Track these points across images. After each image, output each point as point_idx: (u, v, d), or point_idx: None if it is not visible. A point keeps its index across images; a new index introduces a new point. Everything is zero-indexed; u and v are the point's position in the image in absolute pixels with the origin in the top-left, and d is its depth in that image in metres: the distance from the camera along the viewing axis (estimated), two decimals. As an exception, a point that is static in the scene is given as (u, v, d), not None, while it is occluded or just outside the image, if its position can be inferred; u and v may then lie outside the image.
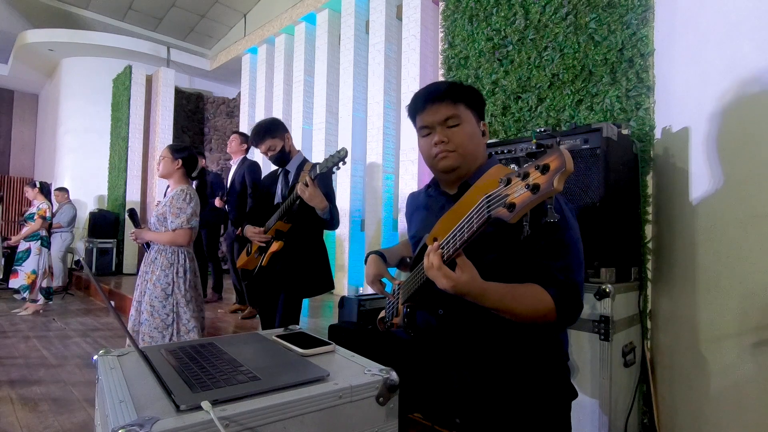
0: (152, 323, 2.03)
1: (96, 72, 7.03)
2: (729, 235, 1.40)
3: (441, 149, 1.06)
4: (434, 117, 1.07)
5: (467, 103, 1.08)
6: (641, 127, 1.78)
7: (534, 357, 1.00)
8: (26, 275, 4.29)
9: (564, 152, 0.67)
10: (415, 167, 3.21)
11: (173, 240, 2.09)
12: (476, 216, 0.80)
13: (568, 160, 0.67)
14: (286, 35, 5.04)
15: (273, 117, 2.29)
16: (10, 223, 8.63)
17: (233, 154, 3.75)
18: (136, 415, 0.61)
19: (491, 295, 0.88)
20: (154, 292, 2.05)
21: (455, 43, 2.49)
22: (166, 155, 2.19)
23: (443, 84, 1.11)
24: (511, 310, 0.90)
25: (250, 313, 3.51)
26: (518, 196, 0.71)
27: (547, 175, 0.68)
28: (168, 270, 2.08)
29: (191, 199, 2.13)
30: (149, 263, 2.14)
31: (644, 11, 1.79)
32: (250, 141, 2.16)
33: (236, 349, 0.92)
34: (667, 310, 1.66)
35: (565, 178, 0.68)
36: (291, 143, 2.16)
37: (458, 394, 0.97)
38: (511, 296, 0.90)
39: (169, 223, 2.09)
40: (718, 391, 1.41)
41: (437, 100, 1.07)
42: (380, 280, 1.22)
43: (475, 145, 1.08)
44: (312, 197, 1.82)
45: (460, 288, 0.85)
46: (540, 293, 0.92)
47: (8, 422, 1.96)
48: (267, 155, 2.11)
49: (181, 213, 2.09)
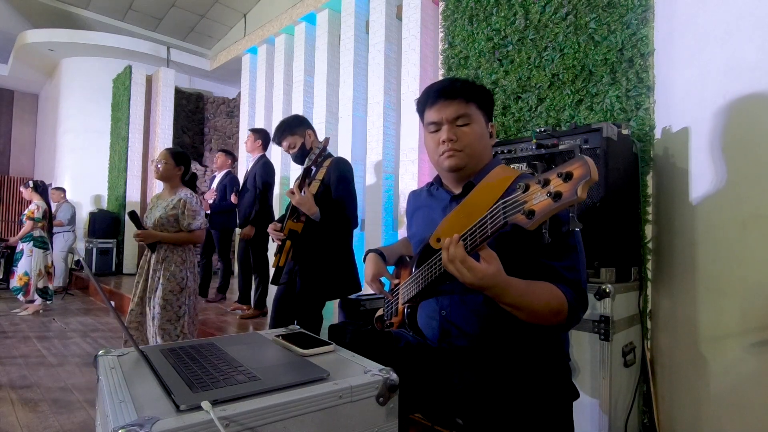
0: (165, 316, 2.14)
1: (96, 72, 7.03)
2: (729, 235, 1.40)
3: (448, 147, 1.05)
4: (444, 114, 1.05)
5: (479, 104, 1.07)
6: (641, 127, 1.78)
7: (535, 357, 1.00)
8: (18, 277, 4.29)
9: (588, 160, 0.66)
10: (415, 167, 3.21)
11: (190, 240, 2.25)
12: (491, 221, 0.79)
13: (592, 168, 0.65)
14: (286, 35, 5.04)
15: (296, 114, 2.29)
16: (10, 223, 8.63)
17: (250, 152, 3.75)
18: (136, 415, 0.61)
19: (513, 290, 0.85)
20: (168, 286, 2.17)
21: (455, 43, 2.49)
22: (168, 160, 2.28)
23: (457, 81, 1.08)
24: (529, 306, 0.87)
25: (252, 314, 3.51)
26: (538, 203, 0.70)
27: (570, 183, 0.66)
28: (182, 266, 2.24)
29: (198, 202, 2.30)
30: (159, 261, 2.21)
31: (644, 11, 1.79)
32: (272, 139, 2.17)
33: (236, 349, 0.92)
34: (667, 310, 1.66)
35: (589, 186, 0.66)
36: (313, 140, 2.14)
37: (459, 394, 0.97)
38: (531, 292, 0.88)
39: (186, 224, 2.23)
40: (718, 391, 1.41)
41: (450, 97, 1.05)
42: (379, 279, 1.21)
43: (482, 147, 1.07)
44: (300, 203, 1.83)
45: (487, 280, 0.82)
46: (554, 290, 0.90)
47: (8, 422, 1.96)
48: (289, 153, 2.11)
49: (197, 216, 2.25)
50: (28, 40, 6.63)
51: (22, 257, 4.32)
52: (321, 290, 2.00)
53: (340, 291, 2.03)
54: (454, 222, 1.00)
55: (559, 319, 0.90)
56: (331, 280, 2.00)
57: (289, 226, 1.93)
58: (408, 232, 1.32)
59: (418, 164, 3.22)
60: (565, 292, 0.91)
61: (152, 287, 2.18)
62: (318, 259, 1.98)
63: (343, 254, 2.06)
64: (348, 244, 2.10)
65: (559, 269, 0.93)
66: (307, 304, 1.99)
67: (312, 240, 1.95)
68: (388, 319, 1.23)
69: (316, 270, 1.97)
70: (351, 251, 2.11)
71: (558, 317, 0.90)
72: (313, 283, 1.97)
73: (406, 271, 1.21)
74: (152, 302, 2.17)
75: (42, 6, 6.80)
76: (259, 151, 3.69)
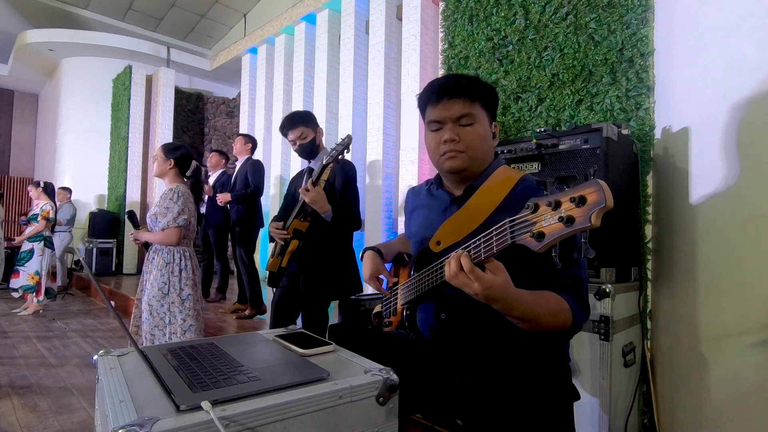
0: (152, 322, 2.05)
1: (96, 72, 7.03)
2: (729, 235, 1.40)
3: (450, 148, 1.00)
4: (448, 113, 1.00)
5: (483, 103, 1.02)
6: (641, 127, 1.78)
7: (535, 358, 1.00)
8: (29, 276, 4.30)
9: (603, 186, 0.62)
10: (415, 167, 3.21)
11: (162, 239, 2.07)
12: (497, 239, 0.76)
13: (608, 195, 0.61)
14: (286, 35, 5.04)
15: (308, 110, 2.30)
16: (10, 223, 8.63)
17: (238, 155, 3.78)
18: (136, 415, 0.61)
19: (522, 303, 0.82)
20: (151, 291, 2.06)
21: (455, 43, 2.49)
22: (159, 155, 2.19)
23: (462, 78, 1.02)
24: (536, 319, 0.84)
25: (250, 314, 3.52)
26: (548, 226, 0.67)
27: (583, 209, 0.63)
28: (164, 270, 2.08)
29: (179, 197, 2.10)
30: (148, 263, 2.15)
31: (644, 11, 1.79)
32: (281, 127, 2.11)
33: (236, 349, 0.92)
34: (667, 310, 1.66)
35: (603, 213, 0.62)
36: (322, 140, 2.13)
37: (459, 395, 0.97)
38: (538, 303, 0.85)
39: (158, 222, 2.09)
40: (718, 391, 1.41)
41: (454, 95, 1.00)
42: (377, 277, 1.20)
43: (486, 148, 1.04)
44: (314, 201, 1.79)
45: (494, 292, 0.78)
46: (560, 301, 0.88)
47: (8, 422, 1.96)
48: (296, 144, 2.05)
49: (168, 212, 2.07)
50: (28, 40, 6.63)
51: (33, 256, 4.32)
52: (326, 290, 2.00)
53: (344, 290, 2.03)
54: (454, 226, 0.99)
55: (563, 330, 0.89)
56: (336, 280, 2.00)
57: (294, 225, 1.91)
58: (406, 230, 1.31)
59: (418, 164, 3.22)
60: (569, 302, 0.89)
61: (142, 290, 2.13)
62: (322, 259, 1.98)
63: (345, 254, 2.07)
64: (349, 244, 2.10)
65: (560, 276, 0.91)
66: (313, 304, 1.98)
67: (317, 240, 1.95)
68: (386, 317, 1.23)
69: (320, 270, 1.97)
70: (352, 251, 2.11)
71: (562, 328, 0.88)
72: (318, 283, 1.97)
73: (404, 271, 1.21)
74: (141, 305, 2.11)
75: (42, 6, 6.80)
76: (247, 154, 3.75)
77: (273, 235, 1.99)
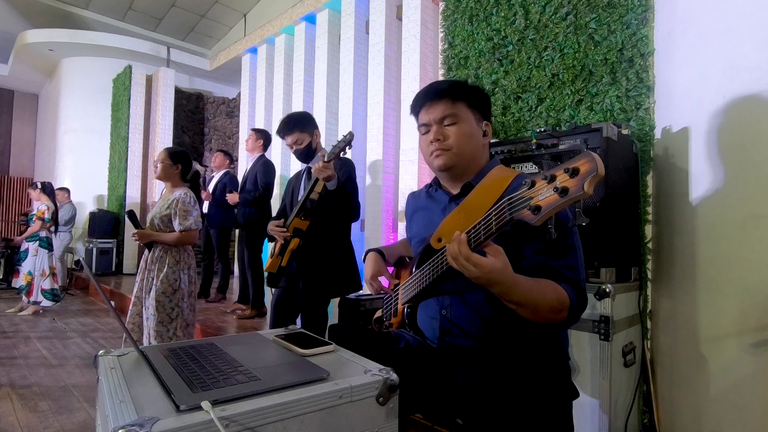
0: (158, 318, 2.10)
1: (96, 72, 7.03)
2: (729, 235, 1.40)
3: (437, 147, 1.07)
4: (432, 115, 1.08)
5: (469, 103, 1.08)
6: (641, 127, 1.78)
7: (535, 357, 1.00)
8: (24, 276, 4.33)
9: (595, 156, 0.66)
10: (415, 167, 3.21)
11: (181, 240, 2.17)
12: (496, 217, 0.79)
13: (599, 164, 0.65)
14: (286, 35, 5.04)
15: (305, 111, 2.27)
16: (10, 223, 8.63)
17: (250, 152, 3.73)
18: (136, 415, 0.61)
19: (520, 287, 0.85)
20: (161, 288, 2.12)
21: (455, 43, 2.49)
22: (166, 159, 2.25)
23: (444, 83, 1.11)
24: (534, 304, 0.87)
25: (250, 314, 3.51)
26: (544, 199, 0.70)
27: (576, 179, 0.67)
28: (175, 267, 2.18)
29: (195, 201, 2.24)
30: (154, 261, 2.19)
31: (644, 11, 1.79)
32: (278, 131, 2.11)
33: (236, 349, 0.92)
34: (667, 310, 1.66)
35: (596, 182, 0.66)
36: (319, 141, 2.13)
37: (459, 394, 0.97)
38: (537, 289, 0.88)
39: (177, 224, 2.17)
40: (718, 391, 1.41)
41: (436, 98, 1.08)
42: (379, 279, 1.21)
43: (473, 146, 1.08)
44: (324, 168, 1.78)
45: (494, 276, 0.81)
46: (558, 288, 0.91)
47: (8, 422, 1.96)
48: (292, 149, 2.07)
49: (189, 216, 2.18)
50: (28, 40, 6.63)
51: (27, 256, 4.33)
52: (325, 288, 2.00)
53: (343, 288, 2.03)
54: (454, 222, 1.01)
55: (561, 317, 0.91)
56: (335, 278, 2.00)
57: (294, 224, 1.92)
58: (407, 233, 1.32)
59: (418, 164, 3.22)
60: (567, 291, 0.91)
61: (147, 287, 2.17)
62: (322, 257, 1.98)
63: (344, 252, 2.07)
64: (348, 242, 2.11)
65: (559, 268, 0.94)
66: (313, 303, 1.98)
67: (316, 238, 1.95)
68: (387, 320, 1.23)
69: (320, 268, 1.97)
70: (351, 249, 2.11)
71: (560, 315, 0.91)
72: (318, 281, 1.97)
73: (406, 272, 1.21)
74: (146, 303, 2.16)
75: (42, 6, 6.80)
76: (259, 151, 3.68)
77: (273, 233, 1.99)
